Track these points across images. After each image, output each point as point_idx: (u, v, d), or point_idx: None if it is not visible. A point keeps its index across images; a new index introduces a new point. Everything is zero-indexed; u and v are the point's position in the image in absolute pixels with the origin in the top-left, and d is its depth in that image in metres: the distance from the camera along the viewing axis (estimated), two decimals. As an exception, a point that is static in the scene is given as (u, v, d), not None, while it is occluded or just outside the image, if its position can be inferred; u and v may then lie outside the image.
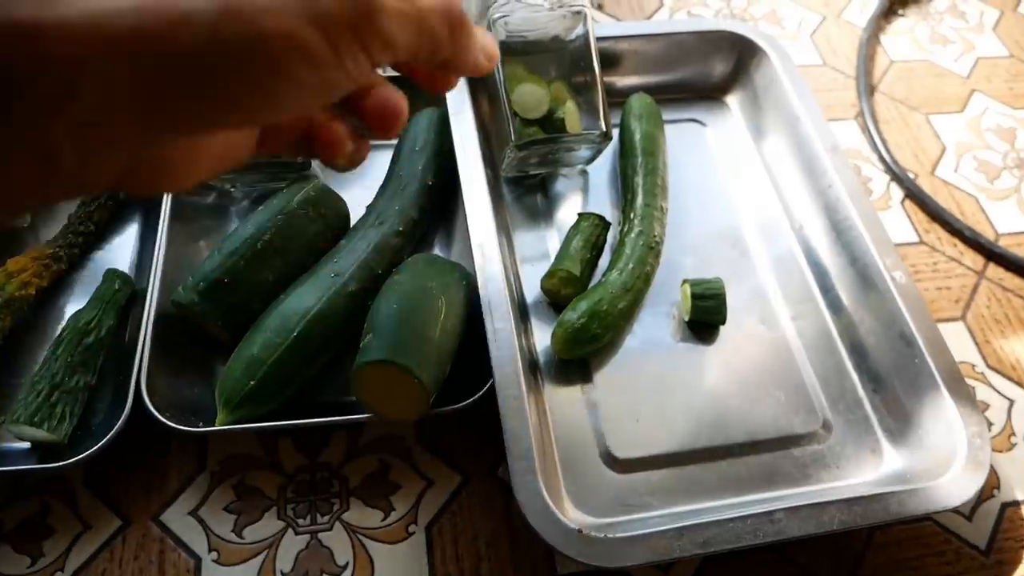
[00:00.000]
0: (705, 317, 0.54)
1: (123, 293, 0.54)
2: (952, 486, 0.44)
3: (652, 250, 0.55)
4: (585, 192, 0.63)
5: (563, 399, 0.51)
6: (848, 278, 0.56)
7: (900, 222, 0.66)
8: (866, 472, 0.50)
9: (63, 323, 0.52)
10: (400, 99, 0.26)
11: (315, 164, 0.59)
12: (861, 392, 0.53)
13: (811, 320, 0.57)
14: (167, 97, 0.20)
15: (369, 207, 0.56)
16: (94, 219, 0.59)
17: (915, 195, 0.67)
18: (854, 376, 0.54)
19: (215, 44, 0.19)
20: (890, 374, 0.52)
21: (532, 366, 0.52)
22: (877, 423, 0.52)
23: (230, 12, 0.19)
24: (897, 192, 0.68)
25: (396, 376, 0.44)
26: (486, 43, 0.28)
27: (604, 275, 0.54)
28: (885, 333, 0.52)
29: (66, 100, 0.18)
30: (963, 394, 0.48)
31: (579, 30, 0.56)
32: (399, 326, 0.45)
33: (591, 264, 0.55)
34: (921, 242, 0.65)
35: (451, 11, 0.25)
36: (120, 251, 0.60)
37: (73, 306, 0.55)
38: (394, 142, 0.61)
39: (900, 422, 0.51)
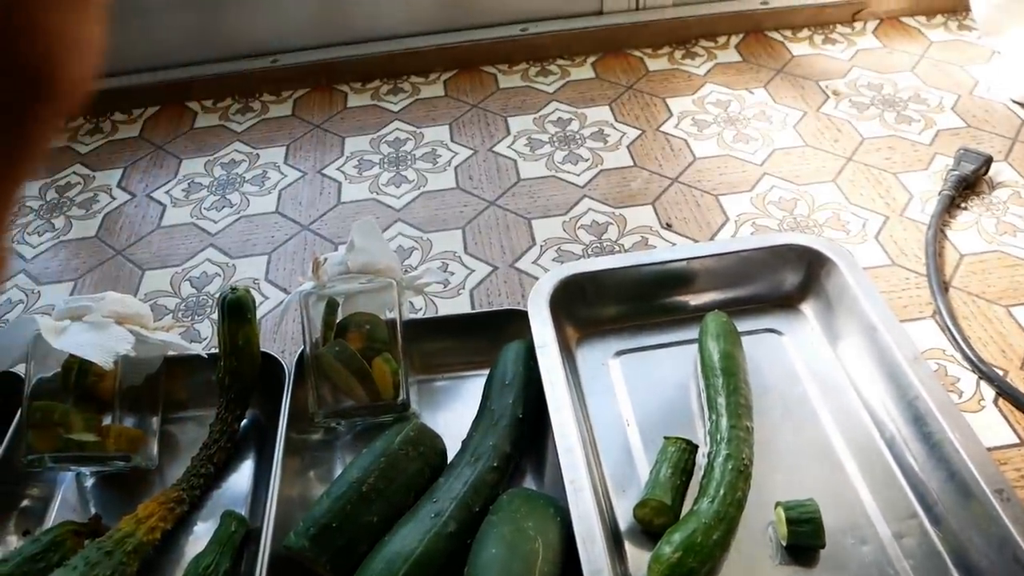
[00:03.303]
0: (803, 541, 0.54)
1: (239, 534, 0.58)
2: None
3: (742, 474, 0.56)
4: (669, 411, 0.65)
5: (665, 636, 0.51)
6: (949, 493, 0.55)
7: (996, 423, 0.65)
8: None
9: (183, 564, 0.56)
10: None
11: (414, 403, 0.63)
12: (984, 621, 0.50)
13: (916, 539, 0.55)
14: None
15: (464, 442, 0.60)
16: (214, 460, 0.64)
17: (1008, 393, 0.66)
18: (973, 603, 0.51)
19: None
20: (1012, 603, 0.49)
21: (631, 600, 0.52)
22: (1008, 659, 0.48)
23: None
24: (988, 391, 0.67)
25: (499, 627, 0.45)
26: None
27: (695, 503, 0.55)
28: (998, 556, 0.50)
29: None
30: (1098, 631, 0.45)
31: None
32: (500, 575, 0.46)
33: (681, 490, 0.56)
34: (1023, 443, 0.63)
35: None
36: (236, 487, 0.65)
37: (192, 546, 0.60)
38: (485, 372, 0.66)
39: (1034, 659, 0.47)
